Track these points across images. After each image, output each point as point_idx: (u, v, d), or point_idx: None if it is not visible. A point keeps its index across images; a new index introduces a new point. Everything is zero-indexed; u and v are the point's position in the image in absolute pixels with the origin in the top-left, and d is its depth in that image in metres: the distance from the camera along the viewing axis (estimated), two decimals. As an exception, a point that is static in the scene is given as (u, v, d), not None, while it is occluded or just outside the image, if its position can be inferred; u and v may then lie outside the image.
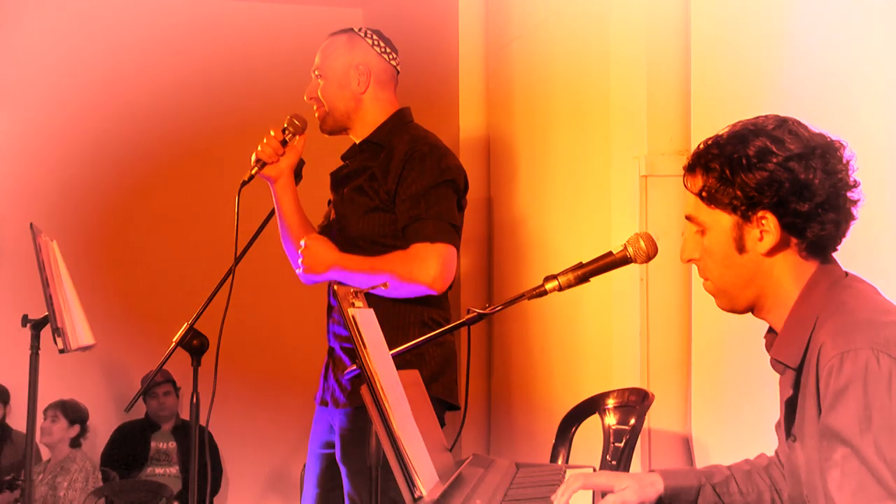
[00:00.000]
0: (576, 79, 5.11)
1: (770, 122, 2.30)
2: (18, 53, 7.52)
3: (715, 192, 2.32)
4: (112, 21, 7.71)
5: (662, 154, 4.56)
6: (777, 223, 2.27)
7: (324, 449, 4.02)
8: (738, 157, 2.27)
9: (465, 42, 6.17)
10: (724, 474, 2.67)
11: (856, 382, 2.08)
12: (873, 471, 2.04)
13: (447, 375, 3.89)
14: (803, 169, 2.22)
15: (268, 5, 7.92)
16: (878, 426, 2.05)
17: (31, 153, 7.15)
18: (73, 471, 7.09)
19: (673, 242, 4.50)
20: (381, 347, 2.69)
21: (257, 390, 7.33)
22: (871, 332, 2.13)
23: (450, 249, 3.81)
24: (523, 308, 5.46)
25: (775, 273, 2.34)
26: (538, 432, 5.30)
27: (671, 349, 4.56)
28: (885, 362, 2.08)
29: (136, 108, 7.62)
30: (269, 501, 7.78)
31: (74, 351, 4.46)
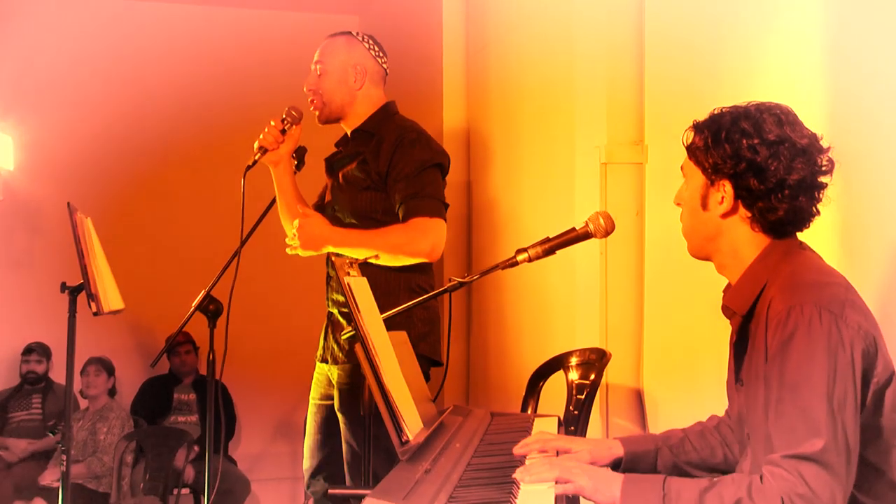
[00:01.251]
0: (544, 78, 5.09)
1: (770, 110, 2.28)
2: (57, 56, 7.51)
3: (696, 151, 2.34)
4: (137, 28, 7.72)
5: (620, 144, 4.56)
6: (732, 193, 2.28)
7: (323, 400, 4.02)
8: (721, 130, 2.28)
9: (448, 46, 6.16)
10: (678, 436, 2.67)
11: (800, 333, 2.08)
12: (807, 412, 2.04)
13: (432, 336, 3.88)
14: (767, 155, 2.22)
15: (273, 13, 7.91)
16: (816, 374, 2.05)
17: (68, 142, 7.12)
18: (111, 418, 7.08)
19: (629, 221, 4.51)
20: (374, 311, 2.68)
21: (265, 349, 7.35)
22: (816, 291, 2.14)
23: (442, 224, 3.83)
24: (498, 277, 5.46)
25: (731, 237, 2.34)
26: (510, 386, 5.30)
27: (626, 314, 4.56)
28: (826, 318, 2.07)
29: (159, 103, 7.62)
30: (277, 445, 7.81)
31: (106, 314, 4.46)
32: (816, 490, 1.99)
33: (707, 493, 2.08)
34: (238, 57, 7.77)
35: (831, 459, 2.01)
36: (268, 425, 7.85)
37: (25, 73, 7.31)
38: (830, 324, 2.08)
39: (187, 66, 7.70)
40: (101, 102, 7.55)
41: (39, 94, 7.18)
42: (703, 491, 2.09)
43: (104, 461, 6.90)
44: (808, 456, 2.01)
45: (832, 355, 2.06)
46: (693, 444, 2.63)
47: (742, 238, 2.33)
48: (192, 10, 7.82)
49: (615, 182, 4.54)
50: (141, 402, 7.56)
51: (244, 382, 7.47)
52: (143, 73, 7.66)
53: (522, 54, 5.38)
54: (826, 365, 2.05)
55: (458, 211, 6.05)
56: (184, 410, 7.40)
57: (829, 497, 2.00)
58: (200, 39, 7.78)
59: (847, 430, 2.04)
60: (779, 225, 2.29)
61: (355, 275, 2.73)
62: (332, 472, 3.96)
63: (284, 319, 7.28)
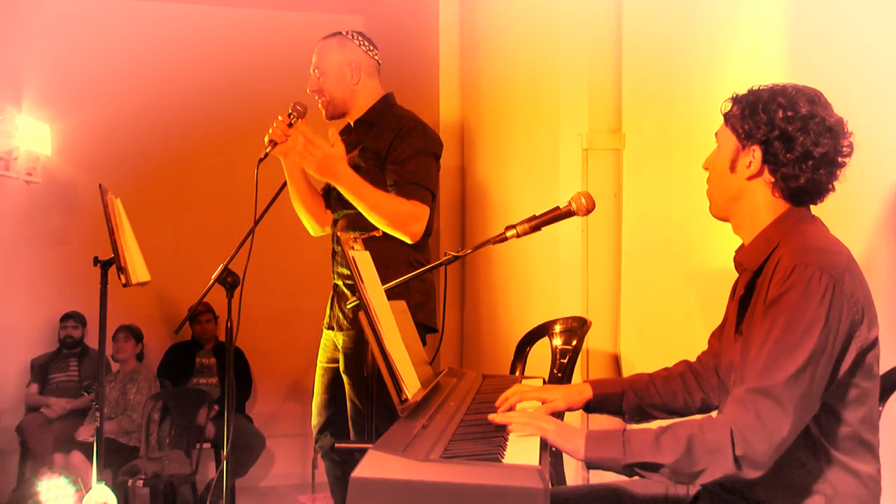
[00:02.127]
0: (530, 73, 5.09)
1: (804, 91, 2.28)
2: (88, 55, 7.51)
3: (733, 118, 2.33)
4: (161, 28, 7.75)
5: (600, 132, 4.56)
6: (761, 158, 2.27)
7: (330, 364, 4.01)
8: (759, 102, 2.28)
9: (444, 44, 6.15)
10: (644, 381, 2.67)
11: (798, 288, 2.09)
12: (784, 354, 2.05)
13: (428, 305, 3.87)
14: (797, 129, 2.22)
15: (284, 13, 7.90)
16: (803, 325, 2.06)
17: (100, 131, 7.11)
18: (140, 380, 7.10)
19: (608, 202, 4.51)
20: (376, 283, 2.67)
21: (277, 318, 7.37)
22: (821, 255, 2.14)
23: (427, 210, 3.80)
24: (489, 252, 5.47)
25: (752, 199, 2.33)
26: (500, 351, 5.30)
27: (605, 286, 4.55)
28: (825, 279, 2.08)
29: (180, 97, 7.62)
30: (289, 404, 7.82)
31: (134, 285, 4.47)
32: (765, 421, 2.01)
33: (663, 435, 2.09)
34: (251, 54, 7.78)
35: (788, 396, 2.02)
36: (280, 386, 7.86)
37: (61, 70, 7.30)
38: (827, 285, 2.08)
39: (205, 64, 7.71)
40: (128, 96, 7.56)
41: (74, 89, 7.16)
42: (660, 433, 2.10)
43: (133, 418, 6.92)
44: (768, 389, 2.03)
45: (822, 312, 2.06)
46: (657, 389, 2.63)
47: (762, 201, 2.32)
48: (209, 10, 7.83)
49: (595, 166, 4.54)
50: (166, 365, 7.58)
51: (259, 348, 7.56)
52: (165, 70, 7.66)
53: (511, 52, 5.38)
54: (814, 319, 2.06)
55: (453, 193, 6.05)
56: (205, 373, 7.41)
57: (775, 430, 2.01)
58: (217, 39, 7.79)
59: (814, 380, 2.05)
60: (798, 192, 2.29)
61: (359, 249, 2.72)
62: (337, 429, 3.95)
63: (294, 291, 7.27)
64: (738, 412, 2.04)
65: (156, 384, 7.24)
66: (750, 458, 2.00)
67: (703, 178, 3.77)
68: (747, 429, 2.01)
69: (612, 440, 2.13)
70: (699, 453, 2.03)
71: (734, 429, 2.02)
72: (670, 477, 2.08)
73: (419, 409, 2.35)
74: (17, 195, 6.63)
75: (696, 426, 2.07)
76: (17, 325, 7.48)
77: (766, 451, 2.01)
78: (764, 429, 2.01)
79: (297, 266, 6.74)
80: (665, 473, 2.08)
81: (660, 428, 2.12)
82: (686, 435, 2.05)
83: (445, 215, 6.02)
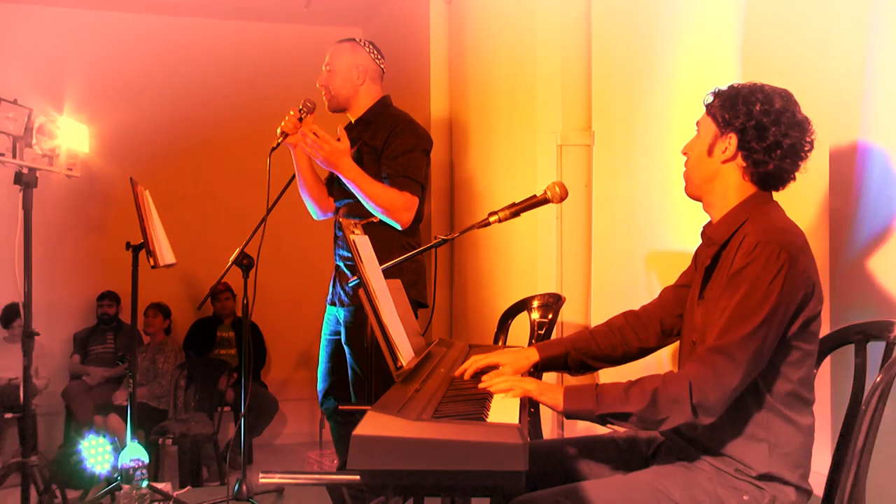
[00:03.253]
0: (511, 77, 5.09)
1: (777, 90, 2.30)
2: (122, 65, 7.59)
3: (715, 108, 2.33)
4: (184, 40, 7.78)
5: (572, 130, 4.58)
6: (736, 144, 2.28)
7: (333, 336, 3.99)
8: (739, 96, 2.29)
9: (435, 51, 6.14)
10: (585, 338, 2.67)
11: (759, 261, 2.12)
12: (742, 318, 2.10)
13: (420, 283, 3.85)
14: (771, 121, 2.24)
15: (293, 26, 7.91)
16: (760, 294, 2.11)
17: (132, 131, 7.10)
18: (167, 351, 7.16)
19: (579, 191, 4.50)
20: (374, 263, 2.64)
21: (287, 295, 7.36)
22: (782, 234, 2.17)
23: (416, 200, 3.79)
24: (475, 235, 5.46)
25: (724, 181, 2.33)
26: (485, 323, 5.30)
27: (577, 266, 4.56)
28: (784, 256, 2.11)
29: (201, 100, 7.66)
30: (298, 372, 7.85)
31: (162, 267, 4.47)
32: (719, 374, 2.08)
33: (631, 388, 2.14)
34: (263, 61, 7.81)
35: (741, 354, 2.09)
36: (290, 356, 7.89)
37: (97, 78, 7.35)
38: (784, 261, 2.11)
39: (221, 70, 7.76)
40: (156, 100, 7.59)
41: (109, 94, 7.19)
42: (628, 387, 2.15)
43: (162, 385, 6.95)
44: (724, 346, 2.09)
45: (778, 284, 2.11)
46: (598, 343, 2.64)
47: (733, 183, 2.33)
48: (225, 24, 7.85)
49: (568, 160, 4.55)
50: (191, 338, 7.60)
51: (271, 322, 7.58)
52: (188, 77, 7.70)
53: (493, 59, 5.37)
54: (771, 289, 2.10)
55: (443, 183, 6.04)
56: (224, 345, 7.42)
57: (727, 381, 2.08)
58: (233, 48, 7.84)
59: (765, 341, 2.11)
60: (765, 177, 2.30)
61: (359, 234, 2.69)
62: (340, 393, 3.94)
63: (301, 271, 7.27)
64: (697, 367, 2.10)
65: (181, 355, 7.30)
66: (705, 405, 2.07)
67: (664, 170, 3.79)
68: (704, 381, 2.07)
69: (586, 394, 2.17)
70: (662, 403, 2.09)
71: (692, 382, 2.08)
72: (637, 424, 2.14)
73: (412, 375, 2.33)
74: (59, 188, 6.58)
75: (659, 380, 2.12)
76: (60, 303, 7.52)
77: (719, 399, 2.08)
78: (718, 381, 2.07)
79: (303, 249, 6.74)
80: (633, 421, 2.14)
81: (629, 382, 2.16)
82: (651, 388, 2.11)
83: (436, 203, 6.01)
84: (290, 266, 7.08)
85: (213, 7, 7.52)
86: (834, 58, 2.87)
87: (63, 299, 7.54)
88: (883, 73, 2.69)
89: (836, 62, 2.86)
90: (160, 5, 7.49)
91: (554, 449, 2.61)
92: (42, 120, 4.33)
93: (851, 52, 2.80)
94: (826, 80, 2.91)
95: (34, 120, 4.24)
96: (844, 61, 2.83)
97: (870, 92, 2.74)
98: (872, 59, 2.72)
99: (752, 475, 2.19)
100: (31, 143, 4.23)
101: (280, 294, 7.15)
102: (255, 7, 7.54)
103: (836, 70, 2.86)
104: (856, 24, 2.78)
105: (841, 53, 2.84)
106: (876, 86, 2.72)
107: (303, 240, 6.37)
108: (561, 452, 2.58)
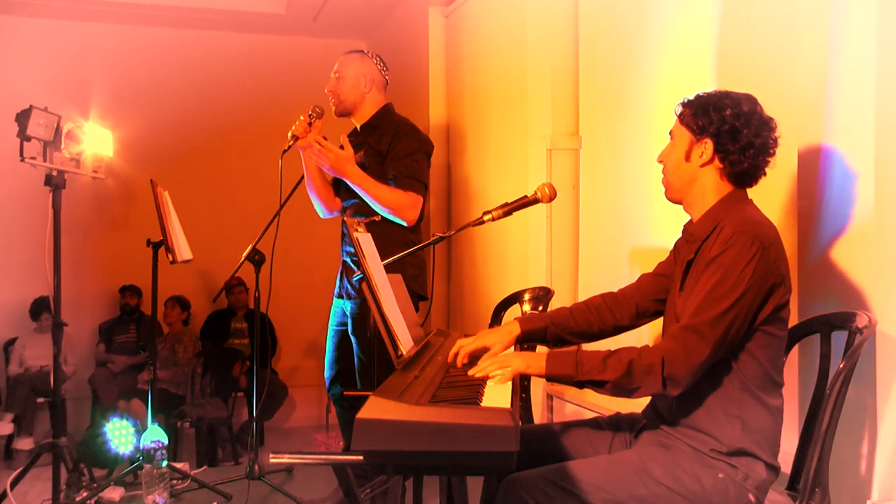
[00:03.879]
0: (504, 86, 5.09)
1: (742, 95, 2.32)
2: (142, 75, 7.59)
3: (688, 117, 2.33)
4: (201, 52, 7.78)
5: (561, 135, 4.58)
6: (713, 148, 2.29)
7: (339, 327, 3.99)
8: (709, 104, 2.30)
9: (433, 62, 6.14)
10: (564, 314, 2.66)
11: (734, 250, 2.15)
12: (714, 301, 2.13)
13: (421, 277, 3.86)
14: (742, 124, 2.25)
15: (302, 39, 7.90)
16: (731, 279, 2.13)
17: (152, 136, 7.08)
18: (185, 340, 7.15)
19: (568, 193, 4.51)
20: (376, 259, 2.65)
21: (297, 289, 7.34)
22: (756, 227, 2.19)
23: (421, 199, 3.80)
24: (470, 233, 5.47)
25: (703, 183, 2.35)
26: (479, 315, 5.30)
27: (566, 262, 4.56)
28: (756, 246, 2.14)
29: (217, 107, 7.67)
30: (306, 360, 7.85)
31: (180, 262, 4.48)
32: (689, 350, 2.10)
33: (609, 358, 2.16)
34: (275, 70, 7.84)
35: (710, 333, 2.11)
36: (299, 345, 7.87)
37: (121, 87, 7.33)
38: (757, 251, 2.14)
39: (236, 78, 7.79)
40: (174, 107, 7.58)
41: (131, 102, 7.16)
42: (606, 356, 2.16)
43: (181, 372, 6.93)
44: (695, 325, 2.12)
45: (749, 272, 2.13)
46: (575, 320, 2.63)
47: (711, 184, 2.34)
48: (239, 37, 7.85)
49: (557, 163, 4.55)
50: (207, 328, 7.59)
51: (282, 314, 7.50)
52: (203, 86, 7.70)
53: (488, 69, 5.37)
54: (742, 276, 2.13)
55: (441, 184, 6.04)
56: (238, 335, 7.42)
57: (695, 357, 2.10)
58: (246, 59, 7.86)
59: (734, 323, 2.13)
60: (741, 176, 2.32)
61: (362, 231, 2.70)
62: (345, 380, 3.95)
63: (310, 266, 7.25)
64: (670, 344, 2.13)
65: (198, 344, 7.29)
66: (674, 378, 2.10)
67: (645, 173, 3.80)
68: (674, 356, 2.10)
69: (567, 360, 2.20)
70: (636, 374, 2.12)
71: (664, 356, 2.11)
72: (612, 391, 2.16)
73: (412, 363, 2.34)
74: (86, 189, 6.62)
75: (636, 353, 2.14)
76: (87, 296, 7.50)
77: (686, 374, 2.11)
78: (687, 356, 2.10)
79: (311, 246, 6.73)
80: (608, 388, 2.16)
81: (607, 351, 2.18)
82: (627, 359, 2.13)
83: (434, 203, 6.01)
84: (300, 261, 7.06)
85: (227, 21, 7.52)
86: (799, 68, 2.88)
87: (89, 292, 7.52)
88: (842, 83, 2.70)
89: (801, 72, 2.87)
90: (179, 20, 7.49)
91: (543, 431, 2.61)
92: (70, 126, 4.34)
93: (815, 63, 2.81)
94: (792, 89, 2.92)
95: (63, 126, 4.26)
96: (808, 71, 2.84)
97: (831, 99, 2.75)
98: (834, 70, 2.74)
99: (726, 452, 2.21)
100: (60, 147, 4.25)
101: (290, 287, 7.13)
102: (265, 21, 7.54)
103: (800, 79, 2.87)
104: (818, 38, 2.79)
105: (805, 64, 2.85)
106: (836, 93, 2.73)
107: (311, 237, 6.37)
108: (550, 435, 2.58)
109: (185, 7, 7.16)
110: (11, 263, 7.08)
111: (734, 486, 2.20)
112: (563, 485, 2.18)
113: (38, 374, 6.85)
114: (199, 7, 7.17)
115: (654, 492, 2.19)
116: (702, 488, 2.19)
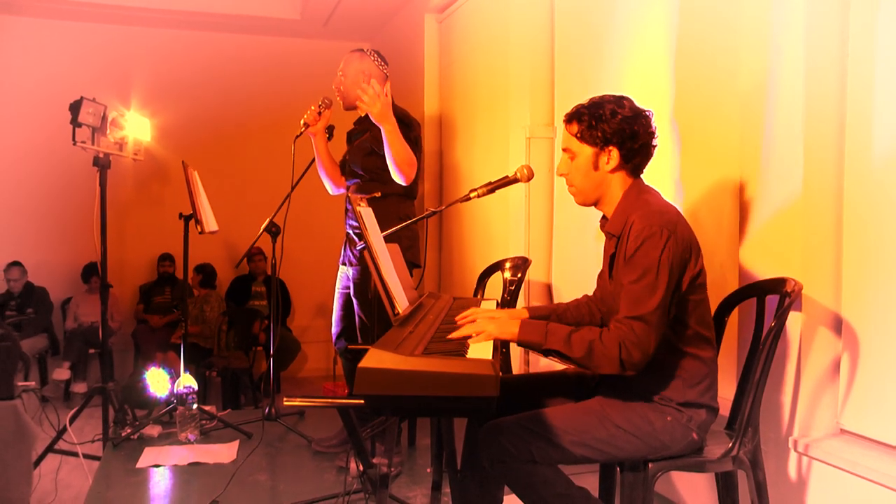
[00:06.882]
0: (490, 81, 5.08)
1: (614, 97, 2.27)
2: (177, 70, 7.59)
3: (584, 133, 2.27)
4: (228, 52, 7.79)
5: (538, 125, 4.54)
6: (619, 154, 2.26)
7: (344, 290, 3.98)
8: (599, 113, 2.24)
9: (428, 60, 6.11)
10: (563, 308, 2.65)
11: (648, 243, 2.13)
12: (646, 290, 2.11)
13: (415, 247, 3.83)
14: (634, 125, 2.23)
15: (313, 41, 7.89)
16: (653, 267, 2.11)
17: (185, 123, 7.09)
18: (212, 301, 7.16)
19: (544, 175, 4.49)
20: (376, 231, 2.64)
21: (308, 256, 7.37)
22: (660, 216, 2.17)
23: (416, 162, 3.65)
24: (459, 208, 5.46)
25: (611, 183, 2.31)
26: (466, 280, 5.31)
27: (542, 234, 4.55)
28: (665, 233, 2.13)
29: (239, 98, 7.72)
30: (316, 319, 7.89)
31: (207, 233, 4.47)
32: (640, 337, 2.08)
33: (573, 334, 2.13)
34: (290, 68, 7.83)
35: (654, 319, 2.10)
36: (311, 306, 7.91)
37: (159, 81, 7.34)
38: (667, 237, 2.13)
39: (256, 76, 7.81)
40: (204, 98, 7.60)
41: (167, 93, 7.15)
42: (571, 332, 2.14)
43: (209, 329, 6.94)
44: (642, 315, 2.09)
45: (666, 257, 2.12)
46: (573, 313, 2.62)
47: (617, 182, 2.31)
48: (259, 39, 7.86)
49: (535, 150, 4.53)
50: (231, 291, 7.61)
51: (295, 279, 7.61)
52: (228, 81, 7.73)
53: (475, 67, 5.35)
54: (661, 262, 2.12)
55: (434, 167, 6.03)
56: (258, 297, 7.42)
57: (647, 343, 2.08)
58: (265, 58, 7.87)
59: (665, 303, 2.12)
60: (637, 167, 2.31)
61: (364, 206, 2.69)
62: (349, 336, 3.95)
63: (319, 237, 7.22)
64: (624, 331, 2.09)
65: (224, 304, 7.29)
66: (631, 362, 2.08)
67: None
68: (630, 344, 2.07)
69: (538, 329, 2.18)
70: (597, 356, 2.09)
71: (622, 343, 2.08)
72: (575, 364, 2.15)
73: (407, 320, 2.33)
74: (127, 170, 6.63)
75: (596, 334, 2.11)
76: (129, 262, 7.60)
77: (642, 358, 2.09)
78: (640, 343, 2.08)
79: (321, 219, 6.69)
80: (571, 362, 2.15)
81: (573, 328, 2.16)
82: (589, 340, 2.10)
83: (428, 183, 6.00)
84: (310, 233, 7.06)
85: (249, 25, 7.52)
86: (745, 66, 2.88)
87: (131, 259, 7.60)
88: (780, 80, 2.70)
89: (746, 70, 2.86)
90: (207, 24, 7.49)
91: (520, 382, 2.62)
92: (114, 114, 4.33)
93: (757, 63, 2.80)
94: (737, 85, 2.92)
95: (108, 115, 4.25)
96: (752, 71, 2.83)
97: (771, 101, 2.75)
98: (774, 68, 2.73)
99: (673, 404, 2.24)
100: (106, 133, 4.24)
101: (302, 256, 7.15)
102: (282, 25, 7.53)
103: (744, 77, 2.87)
104: (760, 41, 2.78)
105: (749, 63, 2.85)
106: (776, 95, 2.73)
107: (320, 211, 6.34)
108: (526, 385, 2.59)
109: (212, 13, 7.19)
110: (66, 234, 7.19)
111: (680, 426, 2.23)
112: (536, 429, 2.19)
113: (89, 329, 6.95)
114: (224, 13, 7.21)
115: (613, 433, 2.21)
116: (653, 429, 2.21)
